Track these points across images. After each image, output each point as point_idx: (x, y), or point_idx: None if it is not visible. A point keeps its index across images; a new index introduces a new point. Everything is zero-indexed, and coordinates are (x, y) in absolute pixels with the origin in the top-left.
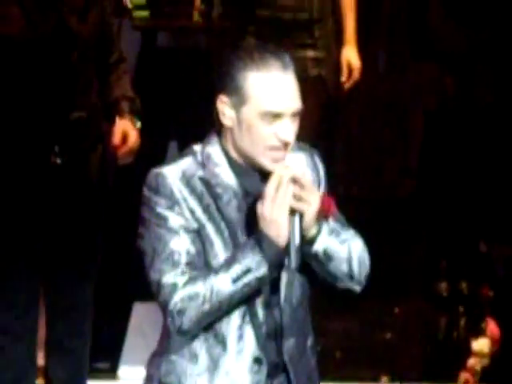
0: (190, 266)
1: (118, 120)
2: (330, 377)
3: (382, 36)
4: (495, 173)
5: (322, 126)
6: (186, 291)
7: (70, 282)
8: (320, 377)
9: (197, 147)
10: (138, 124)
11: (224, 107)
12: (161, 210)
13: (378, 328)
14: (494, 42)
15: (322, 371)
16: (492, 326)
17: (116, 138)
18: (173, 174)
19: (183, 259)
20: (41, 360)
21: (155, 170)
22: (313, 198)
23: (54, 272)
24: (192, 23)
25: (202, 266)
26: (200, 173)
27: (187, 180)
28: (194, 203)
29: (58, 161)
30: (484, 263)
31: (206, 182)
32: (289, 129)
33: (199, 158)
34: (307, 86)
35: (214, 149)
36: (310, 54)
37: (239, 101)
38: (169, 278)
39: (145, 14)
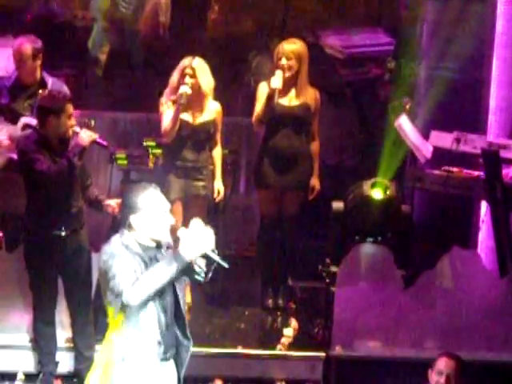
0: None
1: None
2: None
3: None
4: None
5: (207, 216)
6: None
7: (76, 299)
8: None
9: (118, 236)
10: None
11: (135, 220)
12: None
13: None
14: None
15: None
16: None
17: (112, 204)
18: (123, 242)
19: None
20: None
21: (115, 240)
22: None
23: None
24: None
25: None
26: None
27: (130, 250)
28: (138, 262)
29: (63, 233)
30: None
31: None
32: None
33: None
34: (200, 199)
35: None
36: (201, 183)
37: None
38: (125, 284)
39: (124, 162)
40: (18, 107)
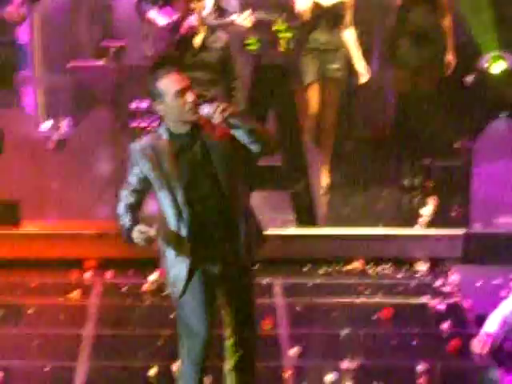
0: (131, 191)
1: None
2: None
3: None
4: None
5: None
6: (124, 200)
7: None
8: None
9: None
10: None
11: (160, 108)
12: (130, 164)
13: None
14: None
15: None
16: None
17: None
18: (135, 146)
19: (130, 187)
20: None
21: (131, 145)
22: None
23: None
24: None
25: (141, 190)
26: (151, 143)
27: (142, 149)
28: (144, 163)
29: None
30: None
31: (153, 149)
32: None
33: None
34: (335, 82)
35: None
36: (335, 65)
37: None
38: (123, 192)
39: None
40: None
